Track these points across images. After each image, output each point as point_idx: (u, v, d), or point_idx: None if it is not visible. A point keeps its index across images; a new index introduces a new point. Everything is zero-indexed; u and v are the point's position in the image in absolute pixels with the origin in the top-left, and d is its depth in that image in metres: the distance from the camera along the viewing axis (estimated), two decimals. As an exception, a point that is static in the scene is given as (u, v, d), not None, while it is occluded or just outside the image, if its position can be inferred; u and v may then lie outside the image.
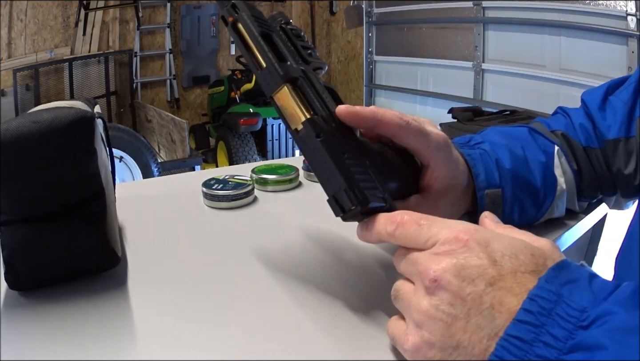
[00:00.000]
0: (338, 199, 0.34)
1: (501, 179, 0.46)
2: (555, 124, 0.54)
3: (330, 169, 0.34)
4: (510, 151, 0.48)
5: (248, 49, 0.38)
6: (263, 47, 0.37)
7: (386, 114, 0.38)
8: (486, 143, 0.48)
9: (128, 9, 4.11)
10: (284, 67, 0.37)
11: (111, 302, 0.39)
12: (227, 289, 0.41)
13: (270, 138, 3.47)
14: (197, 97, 4.64)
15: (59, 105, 0.40)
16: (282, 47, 0.39)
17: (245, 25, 0.38)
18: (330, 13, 4.36)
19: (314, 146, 0.35)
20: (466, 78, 3.06)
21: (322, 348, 0.34)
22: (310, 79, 0.38)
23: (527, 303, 0.24)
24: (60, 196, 0.39)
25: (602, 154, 0.52)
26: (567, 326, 0.23)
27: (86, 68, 3.90)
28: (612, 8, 2.23)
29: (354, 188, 0.33)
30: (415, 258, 0.30)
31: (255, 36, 0.38)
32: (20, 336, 0.35)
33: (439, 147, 0.41)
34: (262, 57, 0.37)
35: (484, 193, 0.45)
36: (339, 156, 0.34)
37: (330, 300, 0.39)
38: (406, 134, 0.39)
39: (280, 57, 0.38)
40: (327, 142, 0.34)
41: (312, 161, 0.35)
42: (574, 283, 0.26)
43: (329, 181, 0.34)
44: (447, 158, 0.41)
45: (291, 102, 0.36)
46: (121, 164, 2.69)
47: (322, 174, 0.34)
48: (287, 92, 0.36)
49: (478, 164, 0.45)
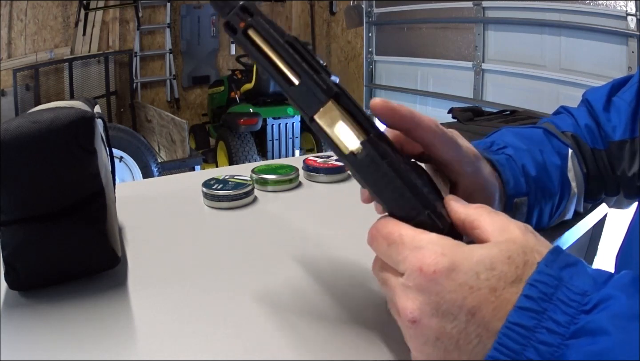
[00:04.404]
0: (420, 224, 0.29)
1: (527, 187, 0.44)
2: (564, 125, 0.54)
3: (404, 195, 0.29)
4: (533, 158, 0.46)
5: (270, 62, 0.31)
6: (294, 57, 0.31)
7: (423, 117, 0.33)
8: (510, 148, 0.46)
9: (128, 9, 4.11)
10: (324, 80, 0.30)
11: (111, 302, 0.39)
12: (227, 289, 0.41)
13: (270, 138, 3.46)
14: (197, 97, 4.63)
15: (59, 105, 0.40)
16: (311, 58, 0.31)
17: (264, 32, 0.31)
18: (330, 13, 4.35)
19: (382, 171, 0.29)
20: (466, 78, 3.06)
21: (323, 349, 0.34)
22: (346, 92, 0.31)
23: (527, 289, 0.24)
24: (60, 196, 0.39)
25: (607, 156, 0.52)
26: (569, 311, 0.23)
27: (86, 68, 3.90)
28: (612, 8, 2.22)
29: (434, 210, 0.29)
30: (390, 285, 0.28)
31: (281, 44, 0.31)
32: (20, 336, 0.35)
33: (470, 162, 0.37)
34: (294, 71, 0.31)
35: (514, 202, 0.43)
36: (409, 177, 0.29)
37: (331, 300, 0.39)
38: (441, 144, 0.34)
39: (314, 69, 0.31)
40: (393, 163, 0.29)
41: (377, 185, 0.30)
42: (574, 267, 0.25)
43: (405, 207, 0.30)
44: (478, 173, 0.38)
45: (341, 122, 0.30)
46: (121, 164, 2.69)
47: (394, 200, 0.30)
48: (335, 109, 0.30)
49: (507, 170, 0.43)
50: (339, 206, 0.60)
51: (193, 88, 4.60)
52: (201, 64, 4.57)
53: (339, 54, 4.34)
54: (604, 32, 2.24)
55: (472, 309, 0.24)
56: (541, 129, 0.53)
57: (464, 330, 0.25)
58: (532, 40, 2.62)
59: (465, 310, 0.24)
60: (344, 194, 0.64)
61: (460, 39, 3.09)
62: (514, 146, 0.47)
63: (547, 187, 0.47)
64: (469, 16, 2.99)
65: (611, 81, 0.55)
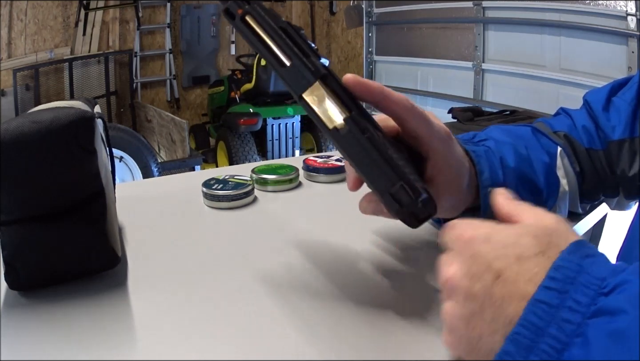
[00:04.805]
0: (395, 194, 0.32)
1: (505, 177, 0.45)
2: (558, 125, 0.54)
3: (380, 167, 0.32)
4: (514, 150, 0.47)
5: (265, 46, 0.34)
6: (286, 41, 0.34)
7: (393, 92, 0.37)
8: (491, 140, 0.48)
9: (128, 9, 4.11)
10: (312, 62, 0.34)
11: (111, 302, 0.39)
12: (227, 290, 0.41)
13: (270, 138, 3.46)
14: (197, 97, 4.63)
15: (59, 105, 0.40)
16: (302, 42, 0.35)
17: (259, 18, 0.35)
18: (330, 13, 4.36)
19: (361, 144, 0.33)
20: (466, 78, 3.05)
21: (324, 349, 0.34)
22: (334, 74, 0.35)
23: (552, 272, 0.26)
24: (60, 196, 0.39)
25: (605, 156, 0.52)
26: (589, 293, 0.25)
27: (86, 68, 3.89)
28: (612, 8, 2.22)
29: (409, 181, 0.32)
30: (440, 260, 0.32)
31: (275, 29, 0.34)
32: (20, 336, 0.35)
33: (441, 138, 0.40)
34: (286, 53, 0.34)
35: (488, 191, 0.45)
36: (386, 151, 0.33)
37: (331, 301, 0.39)
38: (411, 117, 0.38)
39: (304, 53, 0.34)
40: (373, 137, 0.33)
41: (358, 159, 0.33)
42: (593, 258, 0.27)
43: (381, 178, 0.33)
44: (449, 151, 0.41)
45: (327, 100, 0.34)
46: (121, 164, 2.69)
47: (372, 172, 0.33)
48: (321, 89, 0.34)
49: (482, 161, 0.45)
50: (339, 206, 0.60)
51: (193, 88, 4.60)
52: (201, 64, 4.57)
53: (339, 54, 4.34)
54: (604, 32, 2.24)
55: (498, 272, 0.27)
56: (530, 127, 0.53)
57: (489, 290, 0.27)
58: (532, 40, 2.61)
59: (492, 271, 0.27)
60: (344, 194, 0.63)
61: (460, 39, 3.09)
62: (496, 139, 0.48)
63: (531, 181, 0.47)
64: (469, 16, 2.99)
65: (611, 81, 0.55)
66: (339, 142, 0.34)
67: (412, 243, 0.50)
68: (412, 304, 0.39)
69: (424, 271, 0.44)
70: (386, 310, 0.38)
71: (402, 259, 0.46)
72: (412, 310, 0.38)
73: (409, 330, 0.36)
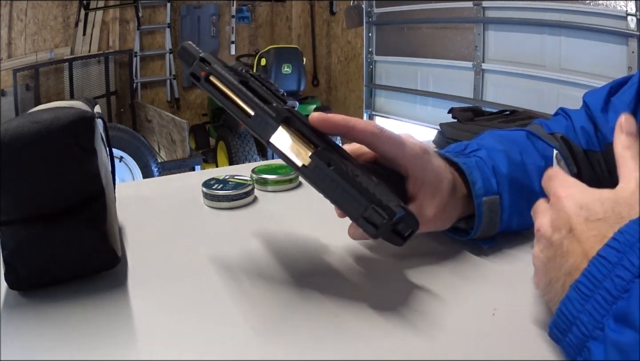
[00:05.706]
0: (368, 218, 0.34)
1: (499, 186, 0.46)
2: (555, 127, 0.54)
3: (350, 194, 0.34)
4: (507, 157, 0.47)
5: (230, 100, 0.37)
6: (247, 94, 0.37)
7: (359, 121, 0.40)
8: (482, 150, 0.48)
9: (128, 9, 4.11)
10: (274, 108, 0.37)
11: (111, 302, 0.39)
12: (227, 289, 0.41)
13: (271, 138, 3.46)
14: (197, 97, 4.63)
15: (59, 105, 0.40)
16: (263, 91, 0.38)
17: (220, 77, 0.38)
18: (330, 13, 4.35)
19: (329, 176, 0.35)
20: (466, 78, 3.05)
21: (322, 348, 0.34)
22: (297, 115, 0.38)
23: (617, 234, 0.29)
24: (60, 196, 0.39)
25: (603, 158, 0.52)
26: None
27: (86, 68, 3.90)
28: (612, 8, 2.22)
29: (380, 203, 0.34)
30: None
31: (235, 85, 0.37)
32: (20, 336, 0.35)
33: (415, 156, 0.42)
34: (249, 105, 0.37)
35: (482, 201, 0.45)
36: (353, 178, 0.35)
37: (330, 300, 0.39)
38: (381, 142, 0.41)
39: (265, 101, 0.37)
40: (339, 168, 0.35)
41: (328, 191, 0.35)
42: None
43: (352, 205, 0.34)
44: (425, 167, 0.42)
45: (291, 141, 0.36)
46: (121, 164, 2.69)
47: (344, 201, 0.35)
48: (285, 132, 0.36)
49: (475, 172, 0.45)
50: (339, 206, 0.60)
51: (193, 88, 4.60)
52: (201, 64, 4.57)
53: (339, 54, 4.34)
54: (604, 32, 2.24)
55: (571, 228, 0.32)
56: (525, 131, 0.53)
57: (561, 241, 0.32)
58: (532, 40, 2.61)
59: (567, 227, 0.32)
60: (344, 194, 0.64)
61: (460, 39, 3.09)
62: (488, 147, 0.48)
63: (526, 187, 0.47)
64: (469, 16, 2.99)
65: (610, 82, 0.55)
66: (308, 178, 0.36)
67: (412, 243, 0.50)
68: (412, 304, 0.39)
69: (424, 271, 0.44)
70: (386, 309, 0.38)
71: (402, 260, 0.46)
72: (413, 309, 0.38)
73: (409, 330, 0.36)
